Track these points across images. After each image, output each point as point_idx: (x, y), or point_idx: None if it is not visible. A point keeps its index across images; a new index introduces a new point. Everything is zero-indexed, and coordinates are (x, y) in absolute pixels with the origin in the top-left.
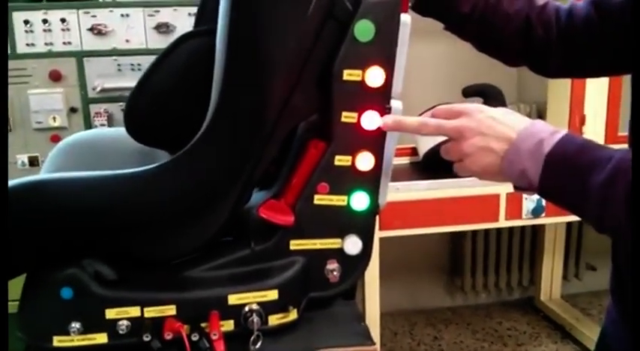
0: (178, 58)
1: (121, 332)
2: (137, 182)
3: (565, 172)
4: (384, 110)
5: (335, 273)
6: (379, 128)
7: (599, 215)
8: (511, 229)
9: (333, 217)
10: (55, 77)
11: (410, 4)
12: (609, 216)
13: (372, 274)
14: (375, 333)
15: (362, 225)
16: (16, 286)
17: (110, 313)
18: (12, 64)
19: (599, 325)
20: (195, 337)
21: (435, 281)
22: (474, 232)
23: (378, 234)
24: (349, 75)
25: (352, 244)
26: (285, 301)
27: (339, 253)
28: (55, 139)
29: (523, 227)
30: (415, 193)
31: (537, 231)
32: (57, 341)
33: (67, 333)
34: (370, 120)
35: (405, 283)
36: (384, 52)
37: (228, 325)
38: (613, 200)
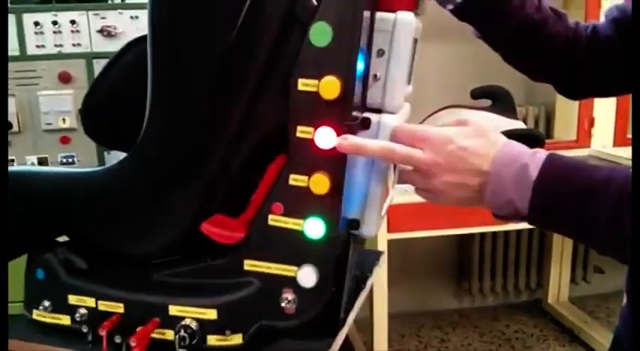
0: (127, 62)
1: (78, 319)
2: (92, 181)
3: (558, 201)
4: (342, 127)
5: (290, 304)
6: (335, 148)
7: (607, 248)
8: (519, 231)
9: (287, 241)
10: (65, 79)
11: (450, 7)
12: (618, 248)
13: (381, 276)
14: (383, 335)
15: (318, 255)
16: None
17: (72, 299)
18: (22, 65)
19: (607, 328)
20: (117, 340)
21: (443, 284)
22: (482, 235)
23: (387, 236)
24: (304, 85)
25: (305, 275)
26: (224, 322)
27: (294, 283)
28: (65, 141)
29: (531, 230)
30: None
31: (545, 233)
32: (35, 314)
33: (40, 309)
34: (324, 137)
35: (412, 285)
36: (341, 59)
37: (169, 335)
38: (622, 235)
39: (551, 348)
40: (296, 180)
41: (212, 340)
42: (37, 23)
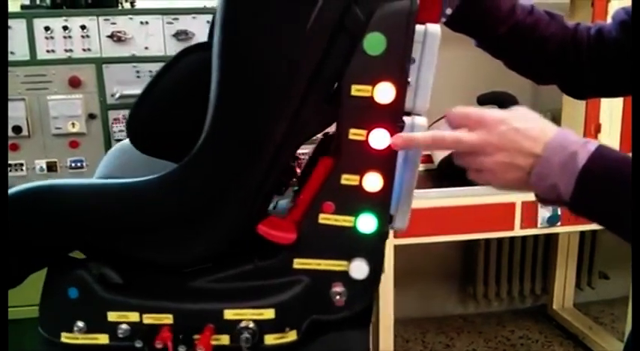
0: (179, 71)
1: (120, 335)
2: (136, 192)
3: (600, 191)
4: (395, 128)
5: (340, 297)
6: (389, 147)
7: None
8: (524, 237)
9: (338, 237)
10: (75, 83)
11: (443, 20)
12: None
13: (387, 281)
14: (389, 340)
15: (369, 249)
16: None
17: (111, 316)
18: (32, 70)
19: (611, 334)
20: (182, 349)
21: (448, 289)
22: (487, 241)
23: (393, 241)
24: (358, 90)
25: (358, 268)
26: (282, 321)
27: (344, 277)
28: (74, 145)
29: (536, 235)
30: (430, 201)
31: (550, 239)
32: (64, 338)
33: (73, 331)
34: (379, 138)
35: (417, 290)
36: (395, 66)
37: (224, 340)
38: None
39: None
40: (348, 179)
41: (269, 339)
42: (47, 28)
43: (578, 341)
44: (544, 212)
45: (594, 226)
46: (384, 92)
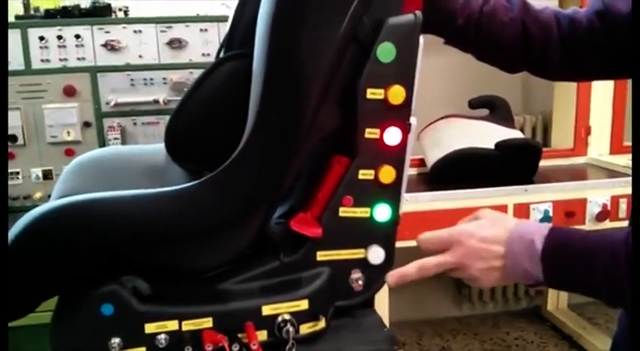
0: (218, 80)
1: (160, 346)
2: (177, 199)
3: (563, 263)
4: (405, 126)
5: (359, 282)
6: (400, 143)
7: (610, 298)
8: None
9: (357, 228)
10: (70, 92)
11: None
12: (621, 298)
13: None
14: None
15: (384, 235)
16: None
17: (149, 328)
18: (27, 79)
19: (606, 335)
20: (235, 348)
21: (443, 291)
22: None
23: None
24: (372, 94)
25: (375, 254)
26: (315, 310)
27: (362, 263)
28: (70, 153)
29: None
30: (423, 204)
31: None
32: None
33: (107, 349)
34: (392, 136)
35: (412, 293)
36: (404, 71)
37: (262, 336)
38: (620, 284)
39: None
40: (364, 174)
41: (304, 328)
42: (42, 38)
43: (572, 342)
44: (535, 214)
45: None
46: (396, 94)
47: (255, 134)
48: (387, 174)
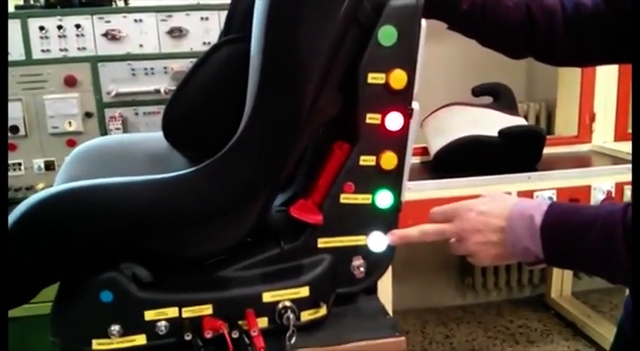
0: (214, 65)
1: (159, 333)
2: (175, 185)
3: (562, 239)
4: (407, 111)
5: (361, 269)
6: (402, 128)
7: (608, 273)
8: None
9: (358, 214)
10: (70, 82)
11: None
12: (619, 271)
13: (385, 273)
14: None
15: (386, 222)
16: None
17: (149, 315)
18: (27, 69)
19: (610, 322)
20: (235, 335)
21: (447, 280)
22: None
23: None
24: (373, 78)
25: (377, 241)
26: (316, 297)
27: (364, 250)
28: (71, 144)
29: None
30: (427, 193)
31: None
32: (96, 344)
33: (107, 336)
34: (394, 121)
35: (416, 282)
36: (406, 55)
37: (262, 322)
38: (617, 256)
39: (554, 342)
40: (365, 160)
41: (305, 315)
42: (42, 28)
43: (576, 329)
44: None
45: None
46: (397, 79)
47: (253, 120)
48: (388, 160)
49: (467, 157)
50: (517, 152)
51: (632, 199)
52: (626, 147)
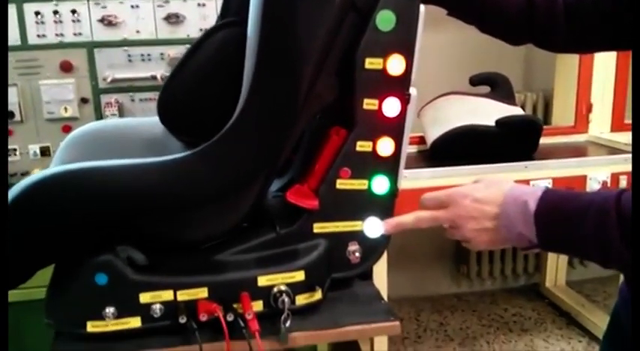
0: (210, 49)
1: (154, 316)
2: (171, 168)
3: (556, 224)
4: (404, 97)
5: (356, 254)
6: (399, 114)
7: (601, 258)
8: None
9: (354, 200)
10: (66, 68)
11: None
12: (613, 257)
13: (380, 261)
14: None
15: (382, 208)
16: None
17: (144, 297)
18: (23, 55)
19: (604, 312)
20: (230, 318)
21: (441, 268)
22: None
23: None
24: (371, 63)
25: (372, 226)
26: (311, 281)
27: (359, 235)
28: (67, 130)
29: None
30: (423, 181)
31: None
32: (91, 326)
33: (102, 318)
34: (391, 107)
35: (411, 270)
36: (404, 40)
37: (257, 306)
38: (610, 242)
39: (548, 331)
40: (362, 146)
41: (300, 299)
42: (37, 13)
43: (570, 318)
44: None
45: None
46: (395, 64)
47: (250, 102)
48: (385, 146)
49: (464, 147)
50: (514, 142)
51: (632, 187)
52: (622, 138)
